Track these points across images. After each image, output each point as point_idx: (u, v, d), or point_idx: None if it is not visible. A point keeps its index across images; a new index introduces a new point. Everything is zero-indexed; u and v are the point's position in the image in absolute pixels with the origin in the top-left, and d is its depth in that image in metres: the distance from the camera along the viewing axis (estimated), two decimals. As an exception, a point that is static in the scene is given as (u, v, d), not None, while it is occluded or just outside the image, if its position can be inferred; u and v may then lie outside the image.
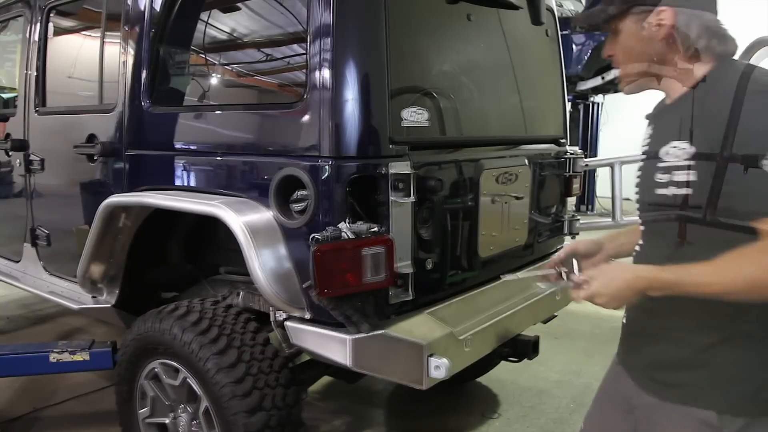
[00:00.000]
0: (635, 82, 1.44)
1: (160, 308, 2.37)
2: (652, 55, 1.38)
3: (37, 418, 3.32)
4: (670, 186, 1.34)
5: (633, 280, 1.28)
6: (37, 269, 3.44)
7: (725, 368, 1.34)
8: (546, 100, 3.09)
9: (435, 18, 2.38)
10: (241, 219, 2.09)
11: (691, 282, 1.24)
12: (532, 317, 2.66)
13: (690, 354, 1.38)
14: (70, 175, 3.12)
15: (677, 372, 1.40)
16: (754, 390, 1.32)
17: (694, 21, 1.33)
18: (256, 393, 2.14)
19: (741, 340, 1.33)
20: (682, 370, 1.39)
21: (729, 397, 1.33)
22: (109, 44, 2.86)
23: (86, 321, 4.67)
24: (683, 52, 1.36)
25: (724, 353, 1.34)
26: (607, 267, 1.36)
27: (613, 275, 1.30)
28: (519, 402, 3.55)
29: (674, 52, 1.37)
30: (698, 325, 1.36)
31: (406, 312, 2.16)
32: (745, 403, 1.32)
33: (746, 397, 1.32)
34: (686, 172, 1.30)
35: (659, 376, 1.44)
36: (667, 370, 1.42)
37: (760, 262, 1.18)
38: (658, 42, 1.36)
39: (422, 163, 2.15)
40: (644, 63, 1.40)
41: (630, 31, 1.39)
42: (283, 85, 2.37)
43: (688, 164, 1.30)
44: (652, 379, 1.46)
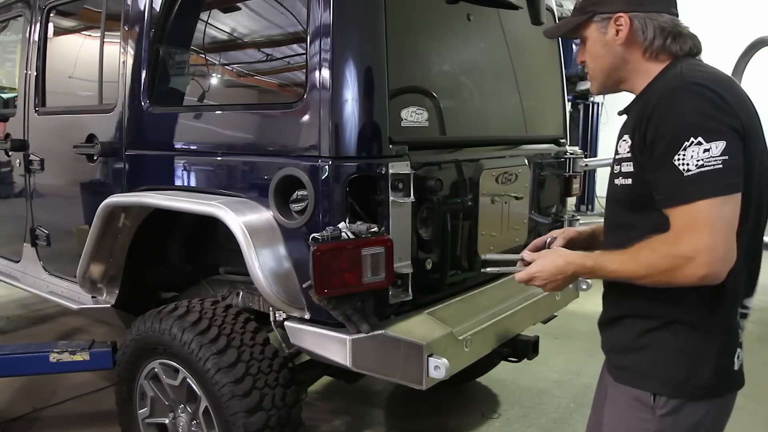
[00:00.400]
0: (603, 83, 1.54)
1: (160, 308, 2.37)
2: (616, 58, 1.48)
3: (37, 418, 3.32)
4: (620, 176, 1.45)
5: (564, 265, 1.44)
6: (37, 269, 3.44)
7: (661, 352, 1.43)
8: (546, 100, 3.09)
9: (434, 18, 2.38)
10: (240, 219, 2.09)
11: (606, 267, 1.39)
12: (532, 317, 2.66)
13: (632, 338, 1.49)
14: (69, 175, 3.12)
15: (624, 355, 1.51)
16: (685, 375, 1.41)
17: (649, 23, 1.44)
18: (255, 393, 2.14)
19: (677, 327, 1.42)
20: (628, 353, 1.50)
21: (663, 379, 1.43)
22: (109, 44, 2.86)
23: (86, 321, 4.68)
24: (642, 53, 1.46)
25: (660, 338, 1.44)
26: (546, 252, 1.52)
27: (549, 260, 1.47)
28: (519, 402, 3.55)
29: (635, 53, 1.46)
30: (640, 312, 1.47)
31: (406, 312, 2.16)
32: (677, 386, 1.41)
33: (678, 381, 1.41)
34: (628, 164, 1.41)
35: (613, 359, 1.57)
36: (618, 353, 1.54)
37: (658, 249, 1.30)
38: (619, 46, 1.46)
39: (422, 163, 2.15)
40: (609, 66, 1.50)
41: (594, 37, 1.49)
42: (283, 85, 2.37)
43: (629, 156, 1.41)
44: (609, 362, 1.59)
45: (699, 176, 1.24)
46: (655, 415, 1.43)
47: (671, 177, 1.27)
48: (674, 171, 1.26)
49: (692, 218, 1.26)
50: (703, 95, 1.28)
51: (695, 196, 1.25)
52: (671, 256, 1.28)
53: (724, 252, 1.26)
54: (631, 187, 1.41)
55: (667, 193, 1.30)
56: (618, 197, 1.48)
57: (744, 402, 4.04)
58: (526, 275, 1.49)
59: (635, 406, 1.46)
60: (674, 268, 1.28)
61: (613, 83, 1.53)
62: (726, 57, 7.42)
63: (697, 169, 1.24)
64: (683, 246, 1.26)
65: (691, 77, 1.33)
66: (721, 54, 8.31)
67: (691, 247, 1.25)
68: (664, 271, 1.29)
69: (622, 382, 1.51)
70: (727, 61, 7.12)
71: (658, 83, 1.41)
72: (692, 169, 1.25)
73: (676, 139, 1.26)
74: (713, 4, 9.84)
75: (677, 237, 1.28)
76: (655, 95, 1.36)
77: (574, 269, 1.44)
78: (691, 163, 1.25)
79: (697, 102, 1.28)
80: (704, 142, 1.24)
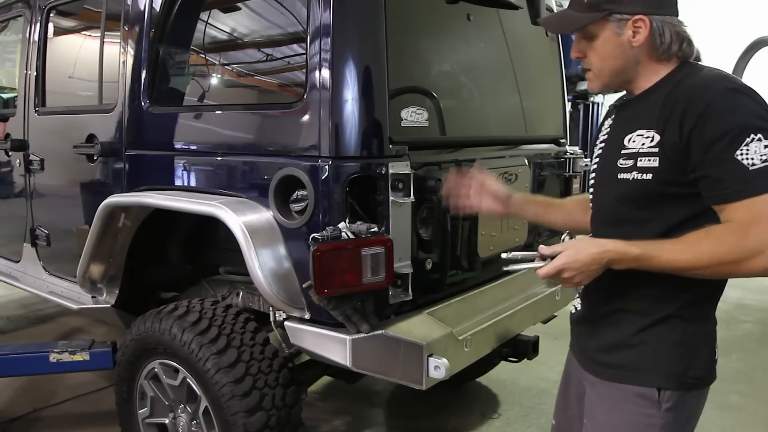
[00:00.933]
0: (608, 83, 1.51)
1: (160, 308, 2.37)
2: (628, 60, 1.45)
3: (37, 418, 3.33)
4: (633, 171, 1.41)
5: (601, 253, 1.35)
6: (37, 269, 3.44)
7: (659, 348, 1.45)
8: (546, 100, 3.09)
9: (435, 18, 2.38)
10: (240, 219, 2.09)
11: (658, 257, 1.33)
12: (532, 317, 2.66)
13: (627, 335, 1.48)
14: (69, 175, 3.12)
15: (616, 353, 1.50)
16: (683, 367, 1.44)
17: (666, 27, 1.42)
18: (255, 393, 2.14)
19: (672, 322, 1.44)
20: (621, 351, 1.49)
21: (664, 374, 1.44)
22: (109, 44, 2.86)
23: (86, 321, 4.68)
24: (655, 55, 1.44)
25: (657, 334, 1.45)
26: (572, 242, 1.42)
27: (581, 249, 1.36)
28: (519, 402, 3.55)
29: (647, 55, 1.44)
30: (633, 308, 1.47)
31: (406, 312, 2.16)
32: (677, 378, 1.44)
33: (678, 373, 1.44)
34: (650, 159, 1.38)
35: (600, 357, 1.54)
36: (607, 352, 1.52)
37: (726, 240, 1.29)
38: (633, 48, 1.43)
39: (422, 163, 2.15)
40: (619, 67, 1.47)
41: (606, 37, 1.45)
42: (283, 85, 2.37)
43: (653, 151, 1.38)
44: (594, 360, 1.56)
45: (765, 170, 1.26)
46: (661, 410, 1.44)
47: (736, 171, 1.27)
48: (738, 166, 1.27)
49: (760, 211, 1.26)
50: (755, 98, 1.32)
51: (764, 188, 1.26)
52: (741, 248, 1.27)
53: None
54: (649, 182, 1.39)
55: (732, 187, 1.28)
56: (626, 193, 1.44)
57: (744, 402, 4.06)
58: (552, 269, 1.37)
59: (638, 403, 1.46)
60: (743, 259, 1.28)
61: (618, 83, 1.51)
62: (726, 57, 7.43)
63: (762, 163, 1.26)
64: (754, 238, 1.26)
65: (736, 80, 1.35)
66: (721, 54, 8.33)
67: (763, 238, 1.26)
68: (730, 262, 1.29)
69: (617, 380, 1.49)
70: (727, 61, 7.13)
71: (685, 83, 1.38)
72: (757, 163, 1.26)
73: (738, 136, 1.27)
74: (713, 4, 9.84)
75: (746, 229, 1.27)
76: (689, 95, 1.34)
77: (611, 257, 1.35)
78: (756, 157, 1.26)
79: (753, 104, 1.31)
80: (764, 138, 1.27)
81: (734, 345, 4.53)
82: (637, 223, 1.44)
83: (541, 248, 1.44)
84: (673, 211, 1.39)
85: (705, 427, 3.29)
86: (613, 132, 1.54)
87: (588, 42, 1.48)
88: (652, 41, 1.42)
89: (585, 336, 1.61)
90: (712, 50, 7.58)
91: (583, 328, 1.62)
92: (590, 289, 1.57)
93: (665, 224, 1.39)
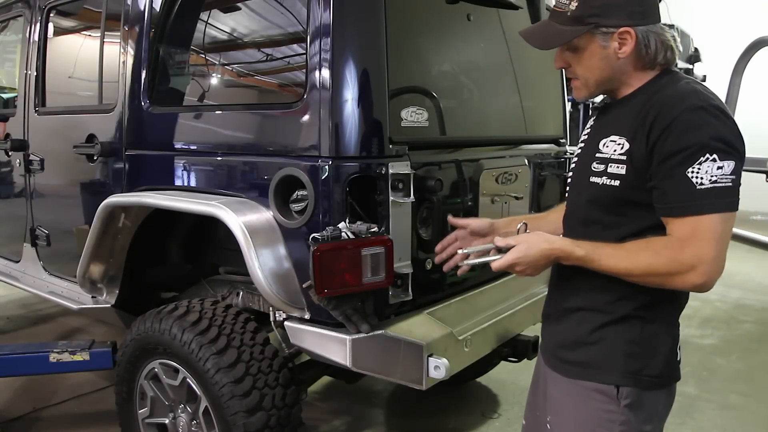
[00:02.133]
0: (593, 93, 1.53)
1: (160, 308, 2.37)
2: (614, 71, 1.46)
3: (37, 418, 3.33)
4: (603, 176, 1.45)
5: (549, 250, 1.42)
6: (37, 269, 3.44)
7: (615, 345, 1.48)
8: (546, 100, 3.09)
9: (435, 18, 2.38)
10: (240, 219, 2.09)
11: (598, 261, 1.39)
12: (532, 317, 2.65)
13: (586, 333, 1.51)
14: (69, 175, 3.12)
15: (577, 350, 1.53)
16: (639, 366, 1.47)
17: (651, 37, 1.42)
18: (255, 393, 2.14)
19: (630, 321, 1.47)
20: (581, 348, 1.52)
21: (620, 371, 1.47)
22: (109, 44, 2.86)
23: (86, 321, 4.68)
24: (640, 64, 1.45)
25: (614, 332, 1.48)
26: (524, 236, 1.48)
27: (532, 244, 1.43)
28: (519, 402, 3.55)
29: (632, 64, 1.45)
30: (594, 306, 1.51)
31: (406, 312, 2.16)
32: (633, 376, 1.47)
33: (634, 371, 1.47)
34: (618, 166, 1.41)
35: (562, 354, 1.58)
36: (568, 349, 1.56)
37: (662, 253, 1.34)
38: (619, 59, 1.44)
39: (422, 163, 2.15)
40: (605, 78, 1.48)
41: (591, 50, 1.45)
42: (283, 85, 2.37)
43: (622, 159, 1.41)
44: (556, 357, 1.60)
45: (712, 191, 1.29)
46: (620, 406, 1.47)
47: (683, 187, 1.31)
48: (687, 183, 1.31)
49: (700, 229, 1.31)
50: (722, 120, 1.33)
51: (707, 209, 1.30)
52: (675, 262, 1.32)
53: (722, 265, 1.33)
54: (617, 188, 1.42)
55: (676, 203, 1.33)
56: (597, 196, 1.47)
57: (744, 402, 4.06)
58: (504, 262, 1.44)
59: (598, 399, 1.49)
60: (674, 273, 1.33)
61: (603, 91, 1.53)
62: (726, 57, 7.42)
63: (711, 184, 1.29)
64: (688, 254, 1.31)
65: (707, 99, 1.36)
66: (721, 54, 8.33)
67: (696, 255, 1.31)
68: (662, 275, 1.35)
69: (577, 377, 1.52)
70: (727, 61, 7.13)
71: (660, 94, 1.40)
72: (705, 183, 1.30)
73: (694, 154, 1.30)
74: (713, 4, 9.84)
75: (682, 245, 1.32)
76: (659, 106, 1.36)
77: (557, 255, 1.43)
78: (705, 177, 1.29)
79: (717, 124, 1.32)
80: (718, 160, 1.29)
81: (734, 345, 4.52)
82: (605, 225, 1.47)
83: (497, 240, 1.49)
84: (638, 216, 1.42)
85: (705, 427, 3.31)
86: (591, 134, 1.58)
87: (572, 53, 1.48)
88: (638, 52, 1.43)
89: (549, 333, 1.65)
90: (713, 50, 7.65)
91: (548, 326, 1.67)
92: (554, 288, 1.62)
93: (631, 229, 1.43)
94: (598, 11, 1.40)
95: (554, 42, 1.48)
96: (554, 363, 1.60)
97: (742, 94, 6.90)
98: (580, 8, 1.42)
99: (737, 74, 6.97)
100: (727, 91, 6.89)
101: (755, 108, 7.83)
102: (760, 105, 8.37)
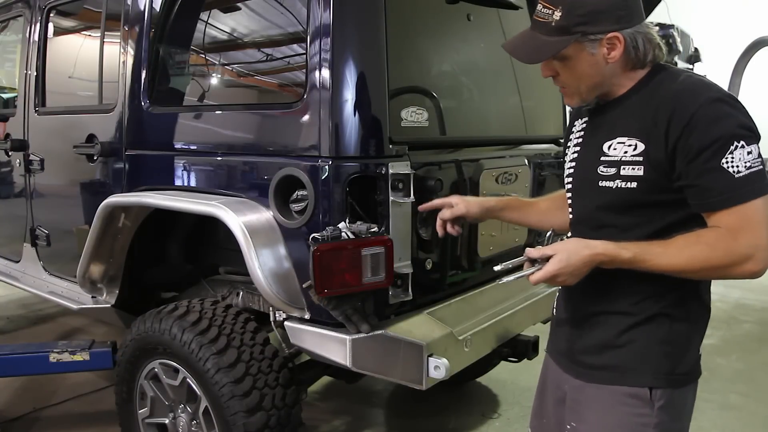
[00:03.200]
0: (585, 99, 1.50)
1: (160, 308, 2.37)
2: (604, 76, 1.44)
3: (37, 418, 3.32)
4: (616, 179, 1.41)
5: (592, 256, 1.36)
6: (37, 269, 3.44)
7: (647, 346, 1.45)
8: (546, 100, 3.09)
9: (434, 18, 2.38)
10: (240, 219, 2.09)
11: (650, 261, 1.35)
12: (532, 317, 2.66)
13: (613, 336, 1.48)
14: (69, 175, 3.12)
15: (603, 354, 1.49)
16: (672, 365, 1.45)
17: (639, 38, 1.41)
18: (255, 393, 2.14)
19: (658, 320, 1.45)
20: (608, 351, 1.48)
21: (654, 372, 1.44)
22: (109, 44, 2.86)
23: (86, 321, 4.68)
24: (630, 65, 1.44)
25: (644, 332, 1.45)
26: (561, 245, 1.39)
27: (572, 252, 1.36)
28: (519, 402, 3.55)
29: (622, 67, 1.44)
30: (618, 310, 1.48)
31: (406, 312, 2.16)
32: (667, 376, 1.45)
33: (667, 371, 1.45)
34: (634, 167, 1.39)
35: (586, 359, 1.53)
36: (593, 354, 1.51)
37: (717, 246, 1.32)
38: (610, 63, 1.41)
39: (422, 163, 2.15)
40: (596, 83, 1.45)
41: (580, 58, 1.41)
42: (283, 85, 2.37)
43: (637, 160, 1.38)
44: (579, 363, 1.55)
45: (749, 177, 1.29)
46: (654, 408, 1.44)
47: (722, 179, 1.30)
48: (725, 174, 1.30)
49: (747, 217, 1.30)
50: (737, 107, 1.33)
51: (750, 195, 1.30)
52: (732, 254, 1.31)
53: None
54: (633, 190, 1.39)
55: (718, 195, 1.31)
56: (610, 200, 1.44)
57: (744, 402, 4.06)
58: (545, 275, 1.37)
59: (630, 403, 1.45)
60: (733, 264, 1.32)
61: (594, 96, 1.49)
62: (726, 57, 7.42)
63: (747, 171, 1.29)
64: (743, 244, 1.30)
65: (718, 89, 1.36)
66: (721, 54, 8.33)
67: (751, 244, 1.30)
68: (722, 267, 1.33)
69: (607, 382, 1.48)
70: (727, 61, 7.13)
71: (664, 91, 1.38)
72: (742, 170, 1.29)
73: (725, 145, 1.29)
74: (713, 4, 9.84)
75: (734, 235, 1.31)
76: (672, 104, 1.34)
77: (601, 260, 1.36)
78: (740, 165, 1.29)
79: (736, 113, 1.32)
80: (746, 145, 1.30)
81: (734, 345, 4.53)
82: (622, 228, 1.44)
83: (529, 251, 1.42)
84: (658, 216, 1.40)
85: (705, 427, 3.31)
86: (589, 137, 1.54)
87: (560, 62, 1.44)
88: (627, 54, 1.41)
89: (569, 339, 1.60)
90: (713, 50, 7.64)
91: (567, 331, 1.61)
92: (573, 292, 1.53)
93: (650, 229, 1.41)
94: (585, 19, 1.36)
95: (542, 55, 1.43)
96: (576, 369, 1.55)
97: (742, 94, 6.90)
98: (565, 18, 1.37)
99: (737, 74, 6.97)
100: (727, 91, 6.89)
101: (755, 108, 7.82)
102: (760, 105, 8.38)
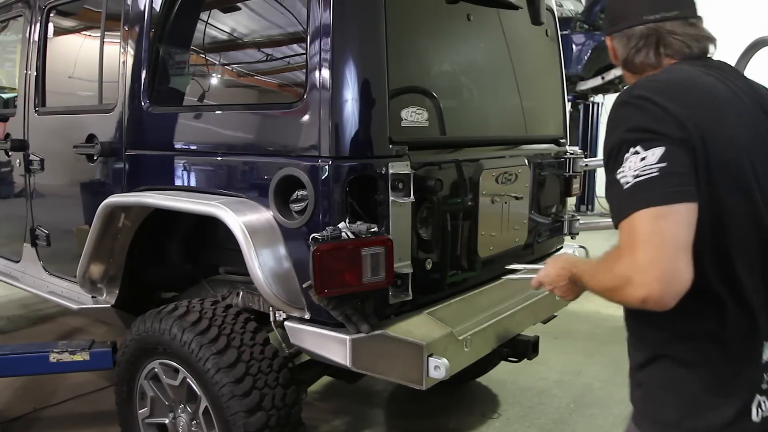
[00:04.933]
0: None
1: (160, 308, 2.37)
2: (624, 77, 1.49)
3: (37, 418, 3.32)
4: None
5: (560, 269, 1.47)
6: (37, 269, 3.44)
7: (656, 390, 1.30)
8: (546, 100, 3.09)
9: (434, 18, 2.38)
10: (240, 219, 2.09)
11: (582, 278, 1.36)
12: (532, 317, 2.66)
13: (633, 372, 1.37)
14: (69, 175, 3.12)
15: (632, 389, 1.38)
16: (678, 417, 1.26)
17: (620, 42, 1.42)
18: (255, 393, 2.14)
19: (668, 363, 1.28)
20: (633, 389, 1.37)
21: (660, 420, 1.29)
22: (109, 44, 2.86)
23: (86, 321, 4.67)
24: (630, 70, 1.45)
25: (654, 374, 1.30)
26: (554, 257, 1.55)
27: (552, 265, 1.51)
28: (519, 402, 3.55)
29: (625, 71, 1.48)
30: (636, 342, 1.36)
31: (406, 312, 2.16)
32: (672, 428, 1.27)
33: (674, 422, 1.26)
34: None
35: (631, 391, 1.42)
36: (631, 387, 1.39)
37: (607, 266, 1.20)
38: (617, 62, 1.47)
39: (421, 163, 2.15)
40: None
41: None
42: (283, 85, 2.37)
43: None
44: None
45: (633, 187, 1.12)
46: None
47: (615, 195, 1.16)
48: (617, 188, 1.15)
49: (629, 234, 1.12)
50: (643, 108, 1.18)
51: (629, 209, 1.12)
52: (613, 276, 1.15)
53: (662, 272, 1.08)
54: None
55: (614, 212, 1.17)
56: None
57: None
58: (534, 281, 1.57)
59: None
60: (617, 287, 1.14)
61: None
62: (726, 57, 7.42)
63: (634, 180, 1.12)
64: (621, 264, 1.13)
65: (637, 90, 1.22)
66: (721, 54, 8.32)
67: (627, 265, 1.11)
68: (611, 290, 1.17)
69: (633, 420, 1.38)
70: (727, 61, 7.11)
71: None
72: (629, 180, 1.13)
73: (617, 154, 1.17)
74: (713, 3, 9.84)
75: (619, 254, 1.14)
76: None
77: (568, 274, 1.45)
78: (629, 174, 1.13)
79: (638, 113, 1.18)
80: (642, 151, 1.13)
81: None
82: None
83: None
84: None
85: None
86: None
87: None
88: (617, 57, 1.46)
89: None
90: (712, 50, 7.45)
91: None
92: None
93: None
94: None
95: None
96: None
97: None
98: None
99: (737, 74, 6.95)
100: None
101: (755, 108, 7.81)
102: (761, 106, 8.36)
